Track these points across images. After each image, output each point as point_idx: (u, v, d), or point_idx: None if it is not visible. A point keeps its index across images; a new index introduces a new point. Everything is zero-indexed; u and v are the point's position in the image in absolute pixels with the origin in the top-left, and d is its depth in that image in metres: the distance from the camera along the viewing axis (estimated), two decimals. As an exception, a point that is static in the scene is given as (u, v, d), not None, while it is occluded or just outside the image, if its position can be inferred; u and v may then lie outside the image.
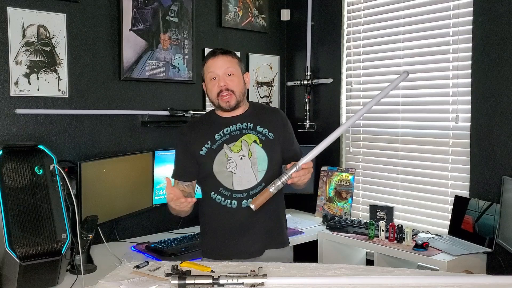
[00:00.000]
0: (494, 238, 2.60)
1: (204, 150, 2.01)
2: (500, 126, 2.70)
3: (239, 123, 2.04)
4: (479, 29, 2.77)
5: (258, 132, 2.04)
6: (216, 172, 2.00)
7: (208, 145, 2.01)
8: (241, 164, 1.99)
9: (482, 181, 2.78)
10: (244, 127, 2.03)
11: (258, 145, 2.02)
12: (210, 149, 2.01)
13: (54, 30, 2.75)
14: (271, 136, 2.04)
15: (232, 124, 2.03)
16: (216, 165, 2.00)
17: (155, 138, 3.19)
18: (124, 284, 1.56)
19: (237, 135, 2.02)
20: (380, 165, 3.36)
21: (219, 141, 2.01)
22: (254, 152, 2.01)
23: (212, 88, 1.99)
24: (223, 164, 2.00)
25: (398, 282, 1.55)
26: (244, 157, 2.00)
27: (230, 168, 1.99)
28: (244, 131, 2.03)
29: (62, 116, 2.81)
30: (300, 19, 3.82)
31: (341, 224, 3.14)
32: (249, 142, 2.02)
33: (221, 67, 1.97)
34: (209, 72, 1.99)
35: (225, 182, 2.00)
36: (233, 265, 1.76)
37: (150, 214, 3.14)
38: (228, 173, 1.99)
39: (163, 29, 3.19)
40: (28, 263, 2.04)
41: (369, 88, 3.43)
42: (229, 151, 2.00)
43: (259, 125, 2.04)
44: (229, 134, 2.02)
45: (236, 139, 2.01)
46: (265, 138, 2.04)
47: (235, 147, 2.01)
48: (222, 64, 1.98)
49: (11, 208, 2.07)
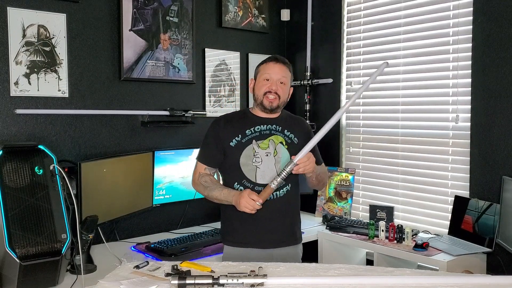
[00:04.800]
0: (494, 238, 2.60)
1: (234, 142, 2.18)
2: (500, 126, 2.70)
3: (269, 124, 2.22)
4: (479, 29, 2.77)
5: (285, 135, 2.22)
6: (242, 164, 2.16)
7: (238, 138, 2.18)
8: (266, 160, 2.16)
9: (482, 181, 2.78)
10: (274, 128, 2.22)
11: (284, 146, 2.20)
12: (239, 142, 2.18)
13: (54, 30, 2.75)
14: (295, 140, 2.23)
15: (264, 124, 2.21)
16: (243, 158, 2.16)
17: (155, 138, 3.19)
18: (124, 284, 1.56)
19: (266, 134, 2.20)
20: (380, 165, 3.36)
21: (249, 136, 2.19)
22: (279, 151, 2.18)
23: (262, 86, 2.18)
24: (250, 158, 2.16)
25: (398, 282, 1.56)
26: (270, 155, 2.18)
27: (255, 162, 2.16)
28: (273, 132, 2.21)
29: (62, 116, 2.81)
30: (300, 19, 3.82)
31: (341, 224, 3.14)
32: (276, 142, 2.20)
33: (278, 73, 2.17)
34: (266, 73, 2.18)
35: (249, 175, 2.16)
36: (233, 265, 1.76)
37: (150, 214, 3.14)
38: (253, 166, 2.16)
39: (163, 29, 3.19)
40: (28, 263, 2.04)
41: (369, 88, 3.41)
42: (257, 147, 2.17)
43: (287, 129, 2.24)
44: (259, 132, 2.20)
45: (265, 138, 2.19)
46: (291, 142, 2.22)
47: (263, 144, 2.18)
48: (280, 71, 2.18)
49: (11, 208, 2.07)
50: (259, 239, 2.17)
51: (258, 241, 2.16)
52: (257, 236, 2.17)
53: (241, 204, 2.02)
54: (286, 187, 2.20)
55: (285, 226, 2.23)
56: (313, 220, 3.41)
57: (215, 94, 3.50)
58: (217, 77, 3.52)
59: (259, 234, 2.17)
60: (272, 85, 2.16)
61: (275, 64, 2.19)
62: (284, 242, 2.22)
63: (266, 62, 2.22)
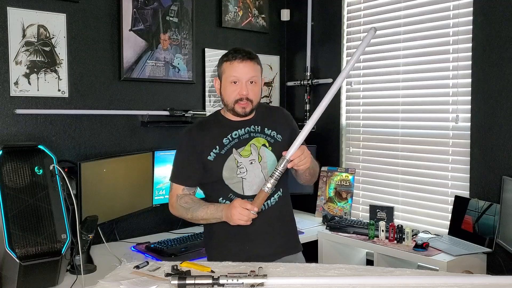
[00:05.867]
0: (494, 238, 2.60)
1: (212, 156, 1.95)
2: (500, 126, 2.70)
3: (247, 126, 1.99)
4: (479, 29, 2.77)
5: (266, 135, 2.00)
6: (226, 178, 1.94)
7: (216, 150, 1.95)
8: (251, 169, 1.95)
9: (482, 181, 2.78)
10: (252, 130, 1.99)
11: (268, 148, 1.98)
12: (218, 154, 1.95)
13: (54, 30, 2.75)
14: (279, 138, 2.01)
15: (240, 127, 1.98)
16: (225, 171, 1.94)
17: (155, 138, 3.19)
18: (124, 284, 1.56)
19: (246, 139, 1.97)
20: (380, 165, 3.36)
21: (227, 146, 1.96)
22: (264, 156, 1.97)
23: (231, 93, 1.92)
24: (233, 170, 1.94)
25: (398, 282, 1.55)
26: (254, 162, 1.95)
27: (240, 174, 1.94)
28: (252, 135, 1.98)
29: (62, 116, 2.81)
30: (300, 19, 3.82)
31: (341, 224, 3.14)
32: (258, 146, 1.97)
33: (246, 74, 1.90)
34: (231, 76, 1.91)
35: (236, 188, 1.95)
36: (233, 265, 1.76)
37: (150, 214, 3.14)
38: (239, 179, 1.94)
39: (163, 29, 3.19)
40: (28, 263, 2.04)
41: (369, 88, 3.43)
42: (238, 156, 1.95)
43: (267, 127, 2.01)
44: (237, 138, 1.97)
45: (245, 143, 1.97)
46: (274, 141, 2.00)
47: (245, 151, 1.96)
48: (248, 71, 1.90)
49: (11, 208, 2.07)
50: (251, 255, 1.87)
51: (250, 257, 1.82)
52: (249, 252, 1.93)
53: (233, 217, 1.78)
54: (277, 193, 1.99)
55: (279, 237, 2.00)
56: (313, 220, 3.41)
57: (215, 94, 3.49)
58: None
59: (251, 250, 1.94)
60: (242, 89, 1.89)
61: (242, 62, 1.89)
62: (282, 253, 1.99)
63: (230, 61, 1.91)
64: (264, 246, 1.97)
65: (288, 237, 2.06)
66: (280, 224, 2.01)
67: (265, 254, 1.93)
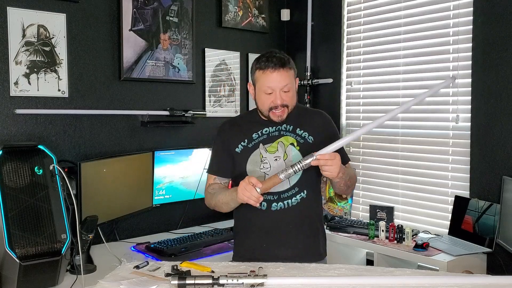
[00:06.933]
0: (494, 238, 2.60)
1: (240, 148, 1.97)
2: (500, 126, 2.70)
3: (278, 125, 1.97)
4: (479, 29, 2.77)
5: (297, 135, 1.97)
6: (249, 171, 1.94)
7: (244, 143, 1.97)
8: (275, 165, 1.92)
9: (482, 181, 2.78)
10: (283, 129, 1.97)
11: (295, 147, 1.95)
12: (245, 147, 1.97)
13: (54, 30, 2.75)
14: (310, 139, 1.97)
15: (272, 125, 1.97)
16: (249, 164, 1.95)
17: (155, 138, 3.19)
18: (124, 284, 1.56)
19: (275, 136, 1.97)
20: (380, 165, 3.36)
21: (255, 140, 1.97)
22: (290, 154, 1.94)
23: (265, 101, 1.89)
24: (257, 164, 1.94)
25: (398, 282, 1.55)
26: (279, 159, 1.94)
27: (263, 168, 1.93)
28: (282, 133, 1.97)
29: (62, 116, 2.81)
30: (300, 19, 3.82)
31: (341, 224, 3.14)
32: (285, 144, 1.95)
33: (280, 82, 1.86)
34: (265, 86, 1.87)
35: None
36: (233, 265, 1.76)
37: (150, 214, 3.14)
38: (261, 173, 1.93)
39: (163, 29, 3.19)
40: (28, 263, 2.04)
41: (369, 88, 3.43)
42: (264, 151, 1.95)
43: (299, 127, 1.98)
44: (267, 134, 1.97)
45: (273, 140, 1.96)
46: (304, 141, 1.96)
47: (271, 148, 1.95)
48: (282, 79, 1.86)
49: (11, 208, 2.07)
50: (269, 255, 1.87)
51: (268, 257, 1.83)
52: (266, 251, 1.92)
53: (239, 190, 1.74)
54: (300, 194, 1.95)
55: (299, 240, 1.96)
56: (313, 220, 3.41)
57: (215, 94, 3.49)
58: (217, 77, 3.52)
59: (268, 249, 1.93)
60: (276, 99, 1.86)
61: (273, 72, 1.85)
62: (301, 258, 1.85)
63: (263, 69, 1.86)
64: (281, 246, 1.94)
65: (308, 243, 2.00)
66: (300, 227, 1.97)
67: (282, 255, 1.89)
